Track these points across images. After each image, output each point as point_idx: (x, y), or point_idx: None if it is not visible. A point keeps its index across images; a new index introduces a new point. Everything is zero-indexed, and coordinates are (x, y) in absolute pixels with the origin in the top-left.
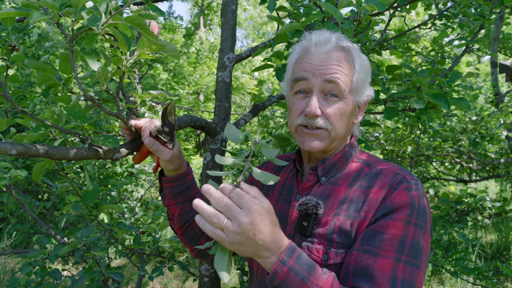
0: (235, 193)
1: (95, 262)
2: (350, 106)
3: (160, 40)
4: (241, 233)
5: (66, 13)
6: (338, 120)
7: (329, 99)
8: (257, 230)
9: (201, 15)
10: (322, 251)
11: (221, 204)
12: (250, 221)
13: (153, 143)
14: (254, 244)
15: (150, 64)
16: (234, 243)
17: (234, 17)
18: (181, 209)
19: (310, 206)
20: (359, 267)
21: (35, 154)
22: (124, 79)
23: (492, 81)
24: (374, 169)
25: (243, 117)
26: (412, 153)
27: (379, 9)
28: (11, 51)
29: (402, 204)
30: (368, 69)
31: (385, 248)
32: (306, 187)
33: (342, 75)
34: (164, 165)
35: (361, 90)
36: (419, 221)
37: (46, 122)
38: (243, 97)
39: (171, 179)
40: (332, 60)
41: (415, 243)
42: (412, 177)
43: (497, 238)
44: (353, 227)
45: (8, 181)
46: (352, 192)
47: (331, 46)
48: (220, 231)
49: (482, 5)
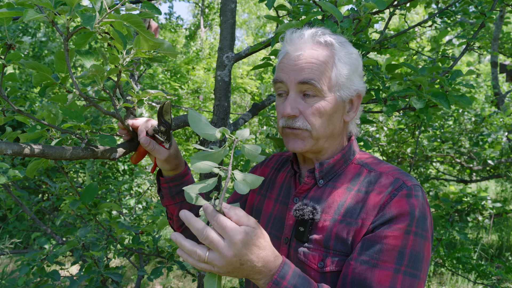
0: (216, 221)
1: (94, 262)
2: (332, 104)
3: (157, 38)
4: (226, 265)
5: (61, 11)
6: (318, 119)
7: (307, 99)
8: (244, 260)
9: (201, 15)
10: (318, 258)
11: (202, 238)
12: (234, 253)
13: (149, 142)
14: (243, 272)
15: (148, 63)
16: (221, 272)
17: (233, 15)
18: (179, 208)
19: (306, 212)
20: (357, 279)
21: (31, 153)
22: (121, 78)
23: (492, 81)
24: (374, 172)
25: (242, 117)
26: (412, 153)
27: (379, 7)
28: (7, 50)
29: (401, 212)
30: (356, 62)
31: (383, 259)
32: (304, 190)
33: (316, 74)
34: (161, 165)
35: (345, 85)
36: (419, 230)
37: (42, 122)
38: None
39: (169, 179)
40: (306, 57)
41: (415, 253)
42: (413, 182)
43: (497, 238)
44: (350, 234)
45: (7, 180)
46: (350, 197)
47: (304, 43)
48: (204, 264)
49: (483, 2)
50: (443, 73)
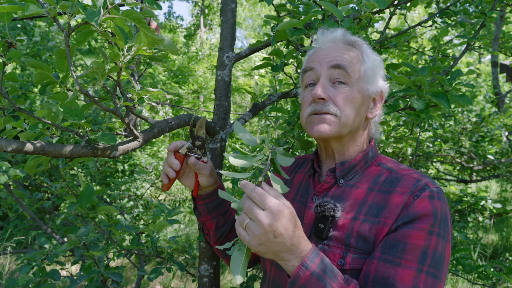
0: (257, 193)
1: (94, 262)
2: (361, 94)
3: (157, 35)
4: (261, 234)
5: (63, 7)
6: (347, 105)
7: (337, 86)
8: (278, 233)
9: (201, 15)
10: (338, 255)
11: (244, 206)
12: (270, 222)
13: (196, 162)
14: (274, 246)
15: (149, 62)
16: (254, 243)
17: (233, 15)
18: (216, 223)
19: (327, 208)
20: (379, 277)
21: (31, 151)
22: (121, 75)
23: (492, 81)
24: (395, 174)
25: (243, 116)
26: (413, 154)
27: (379, 6)
28: (7, 48)
29: (425, 213)
30: (379, 63)
31: (407, 258)
32: (324, 189)
33: (348, 61)
34: (206, 180)
35: (372, 80)
36: (441, 231)
37: (43, 120)
38: (244, 97)
39: (206, 196)
40: (338, 49)
41: (438, 254)
42: (435, 185)
43: (498, 238)
44: (372, 232)
45: (7, 179)
46: (372, 197)
47: (335, 37)
48: (242, 230)
49: (483, 2)
50: (443, 73)
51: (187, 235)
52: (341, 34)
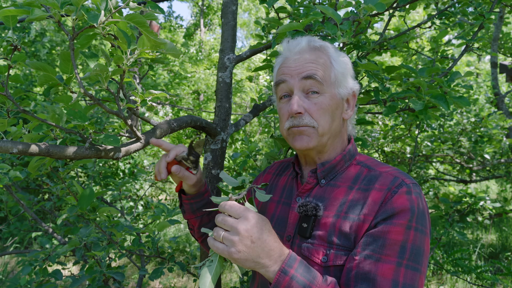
0: (229, 205)
1: (96, 262)
2: (334, 100)
3: (160, 39)
4: (238, 240)
5: (67, 11)
6: (322, 115)
7: (310, 96)
8: (255, 237)
9: (201, 15)
10: (322, 253)
11: (217, 220)
12: (246, 228)
13: (180, 170)
14: (253, 252)
15: (151, 64)
16: (234, 251)
17: (234, 17)
18: (200, 221)
19: (309, 208)
20: (361, 272)
21: (36, 152)
22: (124, 78)
23: (492, 81)
24: (373, 171)
25: (243, 118)
26: (411, 154)
27: (378, 10)
28: (13, 51)
29: (402, 208)
30: (347, 64)
31: (386, 253)
32: (306, 189)
33: (318, 70)
34: (188, 188)
35: (342, 83)
36: (419, 225)
37: (47, 121)
38: (244, 97)
39: (190, 197)
40: (306, 59)
41: (416, 247)
42: (411, 181)
43: (497, 238)
44: (352, 229)
45: (8, 181)
46: (352, 195)
47: (302, 48)
48: (219, 243)
49: (482, 3)
50: (442, 74)
51: (187, 235)
52: (306, 43)
